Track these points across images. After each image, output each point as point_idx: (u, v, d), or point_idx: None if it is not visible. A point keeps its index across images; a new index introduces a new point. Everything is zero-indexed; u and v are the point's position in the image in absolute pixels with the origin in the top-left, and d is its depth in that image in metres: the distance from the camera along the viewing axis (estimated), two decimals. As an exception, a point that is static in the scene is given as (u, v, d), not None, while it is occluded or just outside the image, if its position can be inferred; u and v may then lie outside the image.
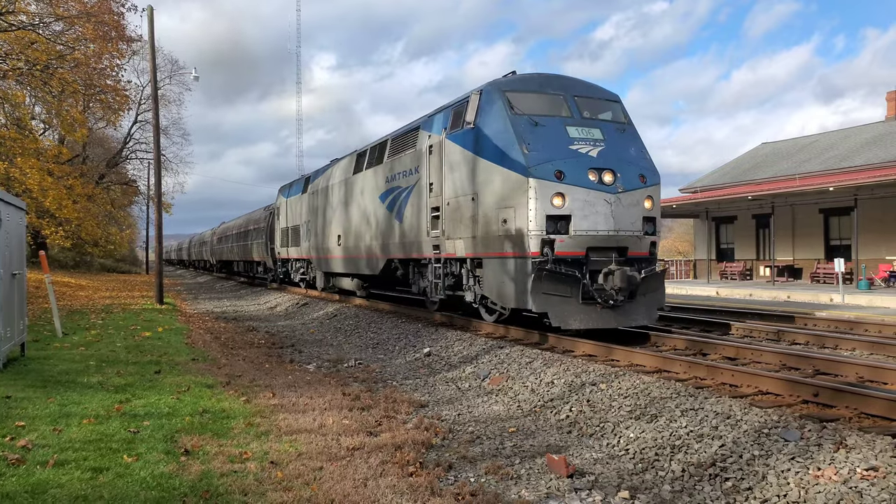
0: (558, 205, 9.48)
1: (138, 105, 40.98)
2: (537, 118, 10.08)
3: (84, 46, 21.63)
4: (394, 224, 14.03)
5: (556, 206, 9.46)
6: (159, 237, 21.30)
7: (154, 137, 20.92)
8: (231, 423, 6.18)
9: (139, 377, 8.05)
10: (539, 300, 9.29)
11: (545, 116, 10.18)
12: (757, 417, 5.55)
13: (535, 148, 9.64)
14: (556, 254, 9.40)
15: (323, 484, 4.64)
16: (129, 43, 25.92)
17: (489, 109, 10.45)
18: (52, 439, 5.33)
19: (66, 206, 22.96)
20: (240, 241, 35.70)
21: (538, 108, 10.35)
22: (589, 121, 10.39)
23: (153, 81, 20.77)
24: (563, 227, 9.52)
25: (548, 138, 9.84)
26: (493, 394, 8.00)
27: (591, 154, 9.79)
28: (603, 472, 5.21)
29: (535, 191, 9.42)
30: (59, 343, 10.58)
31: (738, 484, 4.67)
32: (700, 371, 7.26)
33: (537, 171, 9.44)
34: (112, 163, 44.25)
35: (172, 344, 11.32)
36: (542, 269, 9.25)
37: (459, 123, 11.26)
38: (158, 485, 4.46)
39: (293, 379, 8.66)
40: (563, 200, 9.49)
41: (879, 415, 5.48)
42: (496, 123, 10.23)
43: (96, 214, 32.13)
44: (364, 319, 14.88)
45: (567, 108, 10.46)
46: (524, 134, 9.80)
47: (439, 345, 10.97)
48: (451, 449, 5.79)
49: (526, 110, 10.19)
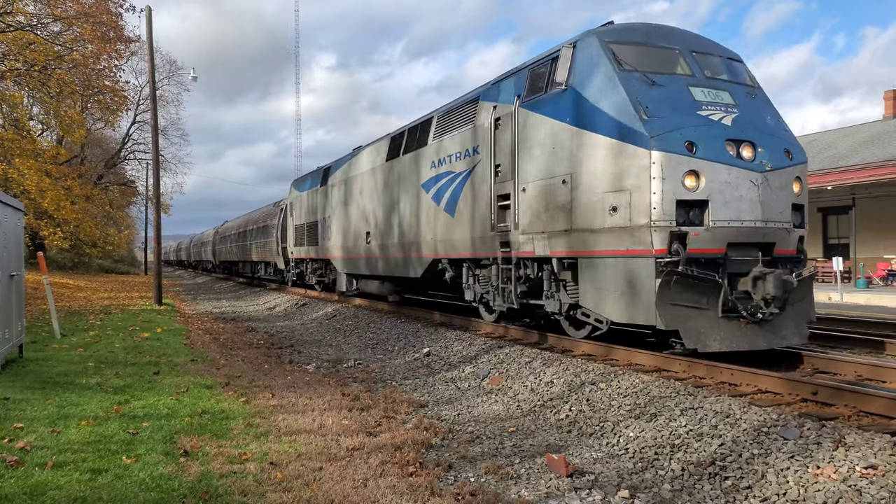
0: (691, 186, 7.43)
1: (136, 105, 40.97)
2: (653, 76, 8.08)
3: (82, 47, 21.60)
4: (442, 217, 11.94)
5: (689, 187, 7.42)
6: (158, 238, 21.29)
7: (152, 138, 20.91)
8: (230, 423, 6.17)
9: (138, 378, 8.04)
10: (668, 314, 7.19)
11: (661, 74, 8.18)
12: (756, 416, 5.55)
13: (656, 113, 7.66)
14: (689, 251, 7.33)
15: (323, 484, 4.64)
16: (127, 43, 25.91)
17: (589, 66, 8.40)
18: (51, 441, 5.32)
19: (64, 207, 22.92)
20: (246, 239, 33.65)
21: (650, 65, 8.32)
22: (714, 81, 8.38)
23: (151, 82, 20.76)
24: (697, 217, 7.50)
25: (670, 102, 7.89)
26: (492, 393, 8.00)
27: (725, 122, 7.78)
28: (603, 471, 5.21)
29: (660, 167, 7.36)
30: (58, 344, 10.56)
31: (737, 483, 4.68)
32: (699, 370, 7.26)
33: (663, 141, 7.41)
34: (110, 163, 44.19)
35: (171, 345, 11.31)
36: (672, 271, 7.18)
37: (542, 87, 9.18)
38: (157, 486, 4.45)
39: (292, 379, 8.66)
40: (697, 181, 7.45)
41: (879, 413, 5.48)
42: (600, 83, 8.20)
43: (95, 215, 32.07)
44: (363, 319, 14.87)
45: (685, 66, 8.46)
46: (640, 95, 7.83)
47: (439, 345, 10.96)
48: (451, 449, 5.79)
49: (637, 66, 8.19)
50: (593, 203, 8.12)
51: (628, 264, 7.71)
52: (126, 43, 25.58)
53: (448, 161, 11.77)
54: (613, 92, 7.98)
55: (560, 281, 9.06)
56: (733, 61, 9.00)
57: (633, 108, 7.71)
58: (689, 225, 7.44)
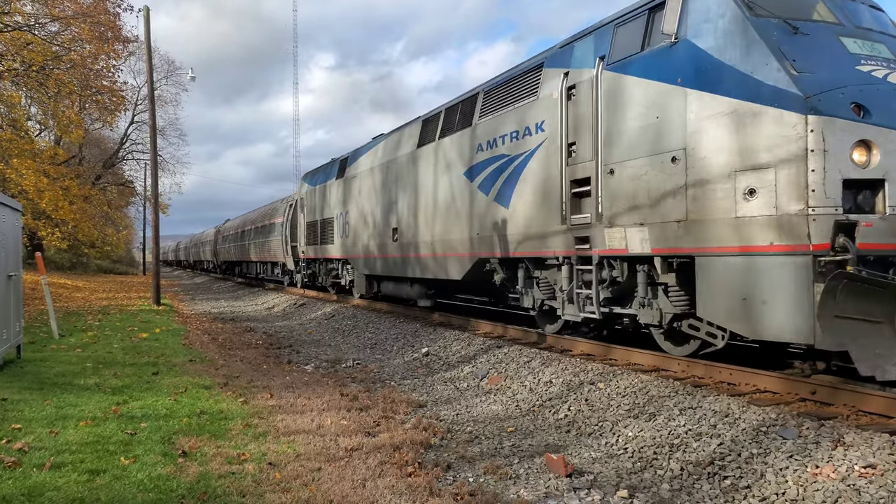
0: (861, 161, 5.80)
1: (135, 106, 41.01)
2: (794, 22, 6.48)
3: (80, 47, 21.61)
4: (492, 209, 10.22)
5: (859, 163, 5.79)
6: (156, 238, 21.26)
7: (151, 138, 20.89)
8: (229, 424, 6.17)
9: (136, 379, 8.03)
10: (833, 329, 5.47)
11: (803, 21, 6.57)
12: (755, 416, 5.55)
13: (806, 67, 6.06)
14: (860, 246, 5.62)
15: (321, 485, 4.63)
16: (125, 44, 25.92)
17: (709, 11, 6.81)
18: (49, 442, 5.32)
19: (62, 208, 22.91)
20: (250, 238, 31.71)
21: (787, 9, 6.71)
22: (866, 31, 6.78)
23: (149, 82, 20.73)
24: (867, 202, 5.91)
25: (821, 54, 6.33)
26: (491, 393, 7.99)
27: (892, 80, 6.18)
28: (602, 471, 5.21)
29: (820, 136, 5.70)
30: (56, 345, 10.54)
31: (736, 482, 4.67)
32: (698, 370, 7.25)
33: (823, 103, 5.76)
34: (108, 164, 44.17)
35: (170, 345, 11.30)
36: (839, 273, 5.42)
37: (638, 43, 7.59)
38: (156, 487, 4.44)
39: (291, 380, 8.65)
40: (868, 154, 5.84)
41: (877, 412, 5.48)
42: (726, 31, 6.58)
43: (93, 215, 32.05)
44: (362, 319, 14.87)
45: (827, 12, 6.82)
46: (783, 46, 6.22)
47: (437, 344, 10.96)
48: (450, 449, 5.78)
49: (772, 10, 6.60)
50: (718, 186, 6.43)
51: (771, 264, 6.02)
52: (124, 43, 25.60)
53: (499, 143, 10.01)
54: (746, 41, 6.39)
55: (659, 285, 7.51)
56: (875, 10, 7.39)
57: (776, 61, 6.10)
58: (859, 212, 5.82)
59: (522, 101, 9.61)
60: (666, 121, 7.03)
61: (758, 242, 6.11)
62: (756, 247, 6.14)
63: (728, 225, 6.35)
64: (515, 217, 9.66)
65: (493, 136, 10.25)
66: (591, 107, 8.15)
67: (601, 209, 7.96)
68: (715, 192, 6.48)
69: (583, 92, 8.31)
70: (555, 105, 8.79)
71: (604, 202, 7.91)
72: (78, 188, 26.72)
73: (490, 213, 10.33)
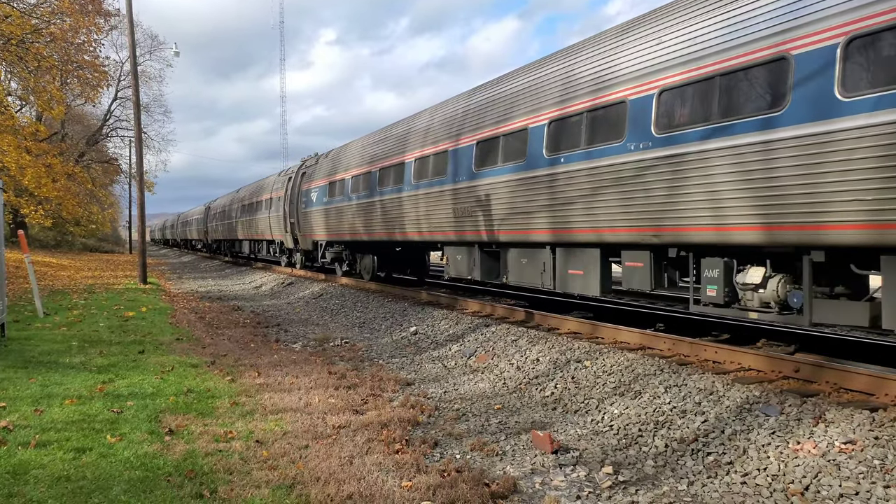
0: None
1: (118, 81, 40.31)
2: None
3: (60, 20, 21.14)
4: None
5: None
6: (142, 216, 21.05)
7: (135, 114, 20.56)
8: (216, 402, 6.16)
9: (122, 357, 8.00)
10: None
11: None
12: (739, 393, 5.61)
13: None
14: None
15: (308, 462, 4.65)
16: (106, 17, 25.40)
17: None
18: (34, 420, 5.29)
19: (45, 185, 22.59)
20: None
21: None
22: None
23: (132, 57, 20.35)
24: None
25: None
26: (479, 371, 8.03)
27: None
28: (587, 447, 5.26)
29: None
30: (41, 323, 10.46)
31: (719, 458, 4.74)
32: (683, 348, 7.32)
33: None
34: (92, 140, 43.56)
35: (156, 324, 11.24)
36: None
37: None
38: (142, 465, 4.44)
39: (279, 358, 8.64)
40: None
41: (859, 390, 5.56)
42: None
43: (77, 193, 31.65)
44: (350, 299, 14.85)
45: None
46: None
47: (426, 323, 10.97)
48: (437, 426, 5.81)
49: None
50: None
51: None
52: (105, 17, 25.08)
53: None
54: None
55: None
56: None
57: None
58: None
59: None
60: None
61: None
62: None
63: None
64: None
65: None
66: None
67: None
68: None
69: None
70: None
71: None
72: (61, 165, 26.33)
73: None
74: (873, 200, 5.07)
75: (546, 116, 8.72)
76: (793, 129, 5.59)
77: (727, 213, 6.22)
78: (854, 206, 5.20)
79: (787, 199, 5.68)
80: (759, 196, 5.90)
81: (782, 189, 5.71)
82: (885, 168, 4.97)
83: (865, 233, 5.19)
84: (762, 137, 5.81)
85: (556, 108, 8.54)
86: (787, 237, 5.82)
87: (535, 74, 9.41)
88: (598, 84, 7.86)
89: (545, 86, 8.98)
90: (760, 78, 5.98)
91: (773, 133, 5.73)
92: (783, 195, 5.71)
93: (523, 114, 9.31)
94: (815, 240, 5.60)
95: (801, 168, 5.54)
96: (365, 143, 16.19)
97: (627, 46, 7.61)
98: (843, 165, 5.23)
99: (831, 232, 5.41)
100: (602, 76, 7.83)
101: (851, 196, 5.20)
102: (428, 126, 12.64)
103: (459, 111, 11.51)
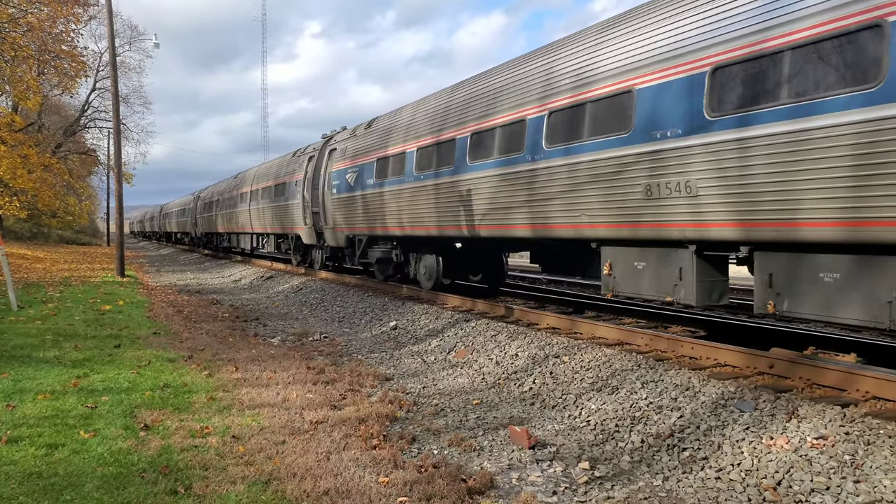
0: None
1: (96, 72, 39.70)
2: None
3: (37, 9, 20.77)
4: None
5: None
6: (120, 208, 20.77)
7: (113, 105, 20.27)
8: (192, 397, 6.11)
9: (98, 351, 7.90)
10: None
11: None
12: (715, 389, 5.67)
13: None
14: None
15: (285, 458, 4.62)
16: (85, 7, 24.99)
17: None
18: (6, 416, 5.21)
19: (20, 176, 22.24)
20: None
21: None
22: None
23: (111, 47, 20.04)
24: None
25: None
26: (458, 367, 8.04)
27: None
28: (564, 443, 5.29)
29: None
30: (14, 316, 10.30)
31: (695, 454, 4.79)
32: (661, 343, 7.38)
33: None
34: (70, 131, 42.89)
35: (133, 317, 11.12)
36: None
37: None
38: (116, 461, 4.39)
39: (257, 353, 8.59)
40: None
41: (831, 385, 5.65)
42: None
43: (53, 184, 31.16)
44: (330, 293, 14.79)
45: None
46: None
47: (406, 318, 10.96)
48: (416, 422, 5.81)
49: None
50: None
51: None
52: (84, 6, 24.67)
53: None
54: None
55: None
56: None
57: None
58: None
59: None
60: None
61: None
62: None
63: None
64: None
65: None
66: None
67: None
68: None
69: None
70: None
71: None
72: (37, 156, 25.90)
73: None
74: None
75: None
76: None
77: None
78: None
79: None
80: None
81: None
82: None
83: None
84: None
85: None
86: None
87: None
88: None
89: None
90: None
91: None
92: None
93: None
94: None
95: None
96: (440, 101, 11.73)
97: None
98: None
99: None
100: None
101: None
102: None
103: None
